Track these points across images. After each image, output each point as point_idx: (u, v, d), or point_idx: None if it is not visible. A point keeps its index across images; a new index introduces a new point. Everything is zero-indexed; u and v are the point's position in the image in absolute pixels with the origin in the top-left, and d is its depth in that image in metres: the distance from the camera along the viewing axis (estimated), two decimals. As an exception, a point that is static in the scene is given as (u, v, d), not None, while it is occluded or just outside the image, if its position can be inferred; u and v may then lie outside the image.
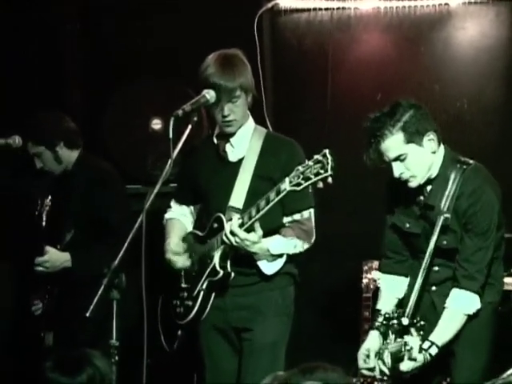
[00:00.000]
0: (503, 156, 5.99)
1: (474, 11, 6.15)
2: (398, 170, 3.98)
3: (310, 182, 3.73)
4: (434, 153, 3.99)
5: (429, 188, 4.05)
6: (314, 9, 6.23)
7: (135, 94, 5.80)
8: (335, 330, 5.69)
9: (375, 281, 5.24)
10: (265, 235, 4.06)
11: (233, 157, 4.23)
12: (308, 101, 6.13)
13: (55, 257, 4.82)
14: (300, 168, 3.76)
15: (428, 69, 6.19)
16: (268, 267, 4.16)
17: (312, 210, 4.22)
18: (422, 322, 3.85)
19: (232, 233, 3.99)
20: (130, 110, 5.77)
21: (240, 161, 4.20)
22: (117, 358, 3.85)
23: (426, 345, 3.91)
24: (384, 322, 4.08)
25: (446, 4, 6.15)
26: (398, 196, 4.14)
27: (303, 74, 6.06)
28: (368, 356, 4.04)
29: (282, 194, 3.83)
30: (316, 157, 3.73)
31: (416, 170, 3.99)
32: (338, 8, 6.22)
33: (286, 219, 4.21)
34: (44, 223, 4.88)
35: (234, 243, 4.01)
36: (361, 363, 4.08)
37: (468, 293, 3.97)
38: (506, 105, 6.14)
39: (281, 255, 4.16)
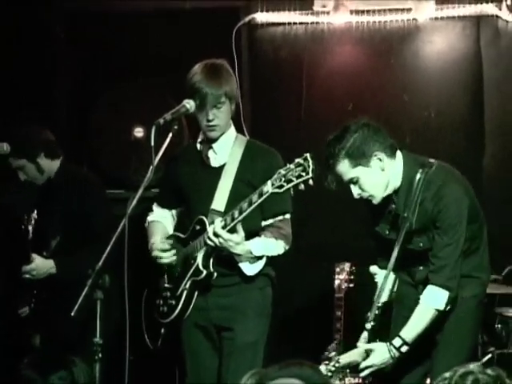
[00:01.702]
0: (468, 162, 6.03)
1: (440, 26, 6.19)
2: (355, 191, 4.01)
3: (291, 184, 3.73)
4: (383, 170, 3.97)
5: (396, 197, 4.05)
6: (290, 23, 6.23)
7: (118, 103, 5.80)
8: (309, 328, 5.70)
9: (347, 281, 5.28)
10: (245, 238, 4.06)
11: (215, 162, 4.23)
12: (283, 110, 6.14)
13: (41, 265, 4.82)
14: (282, 171, 3.76)
15: (398, 80, 6.22)
16: (249, 268, 4.15)
17: (289, 215, 4.22)
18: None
19: (216, 234, 3.98)
20: (113, 118, 5.77)
21: (222, 166, 4.20)
22: (100, 355, 3.85)
23: (396, 342, 3.93)
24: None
25: (414, 19, 6.17)
26: (376, 207, 4.12)
27: (279, 84, 6.08)
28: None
29: (264, 196, 3.83)
30: (297, 160, 3.73)
31: (371, 190, 4.00)
32: (312, 22, 6.22)
33: (264, 223, 4.21)
34: (30, 236, 4.85)
35: (218, 244, 4.00)
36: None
37: (436, 288, 3.94)
38: (472, 114, 6.18)
39: (261, 257, 4.15)
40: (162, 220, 4.43)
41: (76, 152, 5.34)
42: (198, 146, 4.28)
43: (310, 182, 3.71)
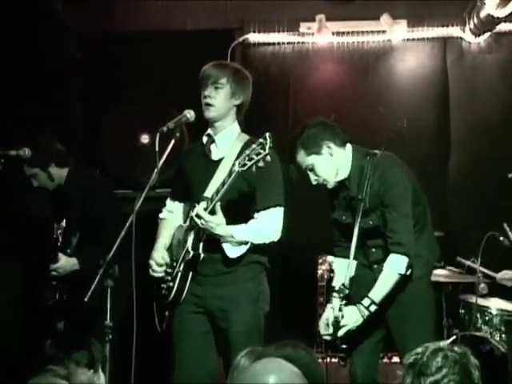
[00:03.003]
0: (435, 167, 6.07)
1: (412, 46, 6.23)
2: (312, 178, 4.14)
3: (252, 162, 3.69)
4: (331, 155, 4.10)
5: (348, 183, 4.14)
6: (278, 43, 6.26)
7: (127, 114, 5.82)
8: (296, 312, 5.71)
9: (329, 271, 5.31)
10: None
11: (215, 156, 4.10)
12: (273, 119, 6.14)
13: (66, 263, 4.81)
14: (247, 151, 3.72)
15: (374, 93, 6.25)
16: (231, 251, 3.98)
17: (279, 209, 4.04)
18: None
19: (198, 215, 3.88)
20: (122, 126, 5.78)
21: (220, 160, 4.06)
22: (110, 336, 3.86)
23: (365, 302, 3.97)
24: (335, 295, 4.11)
25: (388, 40, 6.22)
26: (334, 196, 4.23)
27: (269, 97, 6.08)
28: (327, 325, 4.04)
29: (233, 175, 3.77)
30: (259, 140, 3.71)
31: (324, 175, 4.12)
32: (298, 42, 6.26)
33: (256, 214, 4.04)
34: (60, 242, 4.89)
35: (201, 225, 3.88)
36: (322, 331, 4.07)
37: (397, 255, 4.00)
38: (439, 124, 6.22)
39: (245, 242, 3.99)
40: (171, 216, 4.31)
41: (90, 157, 5.35)
42: (204, 139, 4.17)
43: (268, 158, 3.70)
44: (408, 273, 4.03)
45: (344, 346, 4.03)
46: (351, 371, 4.25)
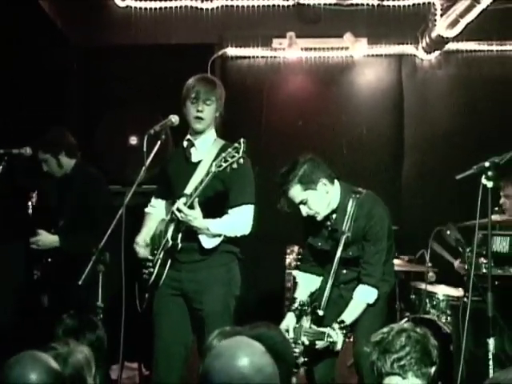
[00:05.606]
0: (391, 170, 6.12)
1: (371, 61, 6.28)
2: (304, 210, 4.03)
3: (227, 164, 3.70)
4: (327, 193, 4.01)
5: (333, 216, 4.07)
6: (253, 56, 6.28)
7: (118, 118, 5.80)
8: (266, 295, 5.73)
9: (295, 260, 5.32)
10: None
11: (195, 158, 4.08)
12: (248, 124, 6.15)
13: (45, 238, 4.73)
14: (223, 154, 3.73)
15: (337, 103, 6.28)
16: (207, 242, 3.97)
17: (250, 206, 4.03)
18: (346, 323, 3.91)
19: (178, 209, 3.88)
20: (114, 129, 5.76)
21: (199, 162, 4.04)
22: (101, 316, 3.84)
23: (335, 326, 3.93)
24: (299, 308, 4.10)
25: (350, 56, 6.27)
26: (311, 224, 4.13)
27: (245, 104, 6.09)
28: (287, 331, 3.99)
29: (210, 175, 3.78)
30: (235, 144, 3.72)
31: (317, 208, 4.02)
32: (271, 56, 6.29)
33: (229, 211, 4.02)
34: (30, 211, 4.81)
35: (180, 218, 3.88)
36: None
37: (368, 287, 4.00)
38: (394, 131, 6.27)
39: (219, 235, 3.98)
40: (154, 210, 4.31)
41: (85, 155, 5.30)
42: (184, 143, 4.15)
43: (241, 160, 3.69)
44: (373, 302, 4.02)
45: (305, 360, 4.00)
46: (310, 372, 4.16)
